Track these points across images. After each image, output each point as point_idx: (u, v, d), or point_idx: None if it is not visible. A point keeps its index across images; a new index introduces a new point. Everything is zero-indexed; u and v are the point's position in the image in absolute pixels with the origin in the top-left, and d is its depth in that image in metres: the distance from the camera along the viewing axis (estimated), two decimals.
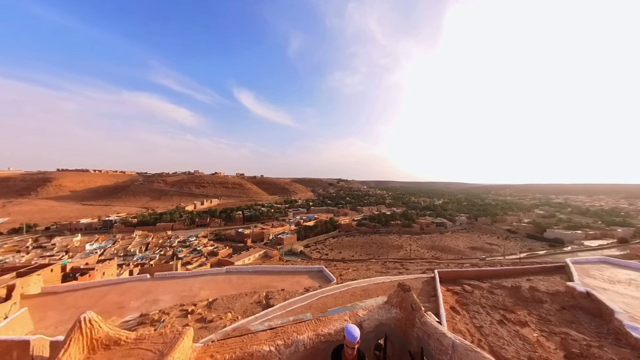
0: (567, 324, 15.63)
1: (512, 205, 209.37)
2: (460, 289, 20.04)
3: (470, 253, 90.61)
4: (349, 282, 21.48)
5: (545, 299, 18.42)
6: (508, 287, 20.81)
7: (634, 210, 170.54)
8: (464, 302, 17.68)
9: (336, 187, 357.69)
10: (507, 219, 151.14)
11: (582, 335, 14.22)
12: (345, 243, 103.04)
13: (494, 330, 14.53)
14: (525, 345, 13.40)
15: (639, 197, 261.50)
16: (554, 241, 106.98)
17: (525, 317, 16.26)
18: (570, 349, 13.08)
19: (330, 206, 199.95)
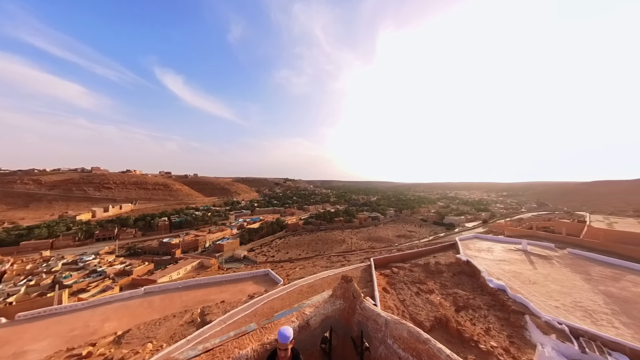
0: (456, 285, 20.91)
1: (424, 199, 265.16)
2: (389, 271, 23.57)
3: (397, 240, 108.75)
4: (296, 281, 21.58)
5: (444, 270, 24.04)
6: (422, 265, 26.05)
7: (491, 200, 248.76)
8: (392, 282, 20.92)
9: (283, 186, 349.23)
10: (421, 211, 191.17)
11: (465, 292, 19.36)
12: (293, 243, 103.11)
13: (412, 301, 17.85)
14: (432, 307, 17.03)
15: (493, 191, 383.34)
16: (449, 225, 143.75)
17: (432, 286, 20.73)
18: (458, 303, 17.58)
19: (277, 206, 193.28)
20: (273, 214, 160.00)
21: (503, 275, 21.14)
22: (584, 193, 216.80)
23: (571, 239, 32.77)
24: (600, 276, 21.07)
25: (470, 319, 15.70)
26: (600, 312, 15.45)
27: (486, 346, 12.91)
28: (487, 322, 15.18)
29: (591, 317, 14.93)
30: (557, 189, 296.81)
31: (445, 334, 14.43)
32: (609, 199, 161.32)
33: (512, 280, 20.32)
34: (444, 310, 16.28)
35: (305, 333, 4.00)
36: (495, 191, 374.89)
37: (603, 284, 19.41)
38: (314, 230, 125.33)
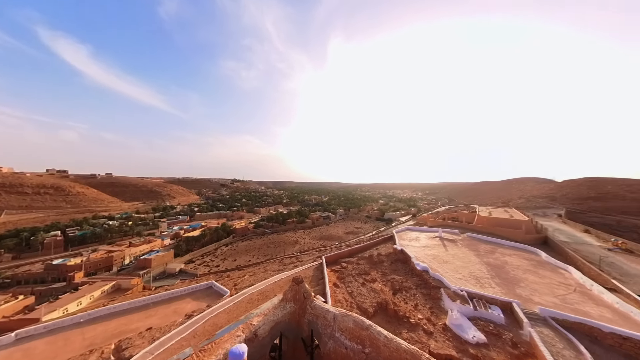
0: (393, 272, 24.05)
1: (368, 198, 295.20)
2: (339, 267, 24.99)
3: (346, 237, 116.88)
4: (245, 290, 20.05)
5: (384, 259, 27.29)
6: (366, 257, 28.80)
7: (418, 198, 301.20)
8: (342, 276, 22.26)
9: (230, 188, 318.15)
10: (366, 209, 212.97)
11: (400, 277, 22.48)
12: (242, 248, 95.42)
13: (359, 291, 19.48)
14: (375, 294, 18.98)
15: (419, 190, 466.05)
16: (388, 220, 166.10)
17: (375, 275, 23.18)
18: (395, 287, 20.25)
19: (223, 210, 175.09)
20: (218, 219, 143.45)
21: (426, 259, 25.74)
22: (475, 190, 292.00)
23: (468, 225, 43.25)
24: (484, 251, 28.51)
25: (404, 299, 18.39)
26: (484, 278, 20.89)
27: (415, 319, 15.40)
28: (416, 299, 18.15)
29: (480, 283, 19.99)
30: (460, 187, 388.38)
31: (385, 315, 16.42)
32: (489, 194, 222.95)
33: (432, 262, 24.97)
34: (384, 295, 18.48)
35: (253, 345, 3.73)
36: (421, 190, 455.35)
37: (485, 257, 26.30)
38: (266, 233, 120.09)
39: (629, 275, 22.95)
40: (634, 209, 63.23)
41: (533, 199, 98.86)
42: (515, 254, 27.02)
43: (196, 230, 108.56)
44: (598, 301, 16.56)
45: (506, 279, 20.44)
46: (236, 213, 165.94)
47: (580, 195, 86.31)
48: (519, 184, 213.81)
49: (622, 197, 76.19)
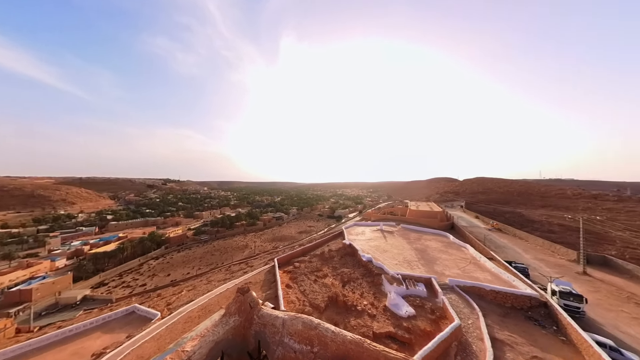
0: (343, 265, 25.63)
1: (321, 197, 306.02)
2: (292, 267, 24.76)
3: (299, 236, 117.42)
4: (183, 308, 17.15)
5: (335, 255, 28.76)
6: (318, 254, 29.68)
7: (363, 195, 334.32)
8: (295, 276, 22.14)
9: (162, 190, 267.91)
10: (318, 207, 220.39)
11: (349, 269, 24.14)
12: (178, 260, 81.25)
13: (312, 289, 19.84)
14: (326, 289, 19.71)
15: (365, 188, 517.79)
16: (339, 217, 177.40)
17: (326, 271, 24.11)
18: (344, 279, 21.62)
19: (151, 216, 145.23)
20: (145, 228, 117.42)
21: (370, 250, 28.64)
22: (407, 188, 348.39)
23: (402, 218, 50.84)
24: (414, 239, 34.06)
25: (352, 289, 19.86)
26: (414, 261, 24.96)
27: (361, 306, 16.88)
28: (362, 288, 19.91)
29: (410, 265, 23.74)
30: (396, 186, 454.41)
31: (336, 307, 17.33)
32: (416, 191, 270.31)
33: (375, 252, 27.98)
34: (335, 288, 19.47)
35: None
36: (366, 188, 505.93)
37: (414, 243, 31.47)
38: (210, 239, 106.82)
39: (500, 247, 32.09)
40: (503, 200, 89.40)
41: (444, 194, 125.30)
42: (433, 239, 33.43)
43: (110, 243, 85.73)
44: (483, 268, 22.40)
45: (428, 260, 25.03)
46: (170, 219, 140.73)
47: (473, 191, 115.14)
48: (436, 182, 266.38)
49: (496, 192, 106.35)
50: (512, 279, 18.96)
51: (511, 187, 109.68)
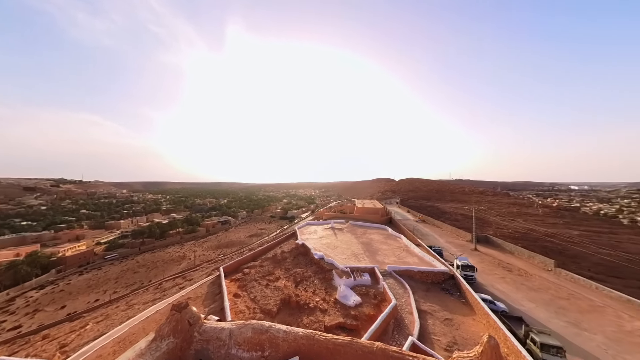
0: (296, 266, 25.61)
1: (273, 198, 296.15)
2: (241, 274, 22.97)
3: (249, 240, 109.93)
4: (87, 348, 13.06)
5: (287, 256, 28.43)
6: (271, 257, 28.64)
7: (316, 195, 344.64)
8: (244, 284, 20.63)
9: (51, 194, 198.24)
10: (270, 209, 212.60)
11: (301, 269, 24.29)
12: (79, 285, 61.07)
13: (263, 294, 18.95)
14: (279, 292, 19.24)
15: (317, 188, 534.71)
16: (292, 218, 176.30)
17: (279, 273, 23.54)
18: (297, 279, 21.65)
19: (31, 230, 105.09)
20: (19, 247, 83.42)
21: (322, 247, 29.75)
22: (355, 187, 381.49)
23: (351, 215, 55.16)
24: (360, 233, 37.47)
25: (304, 288, 20.11)
26: (360, 254, 27.47)
27: (313, 303, 17.31)
28: (314, 286, 20.44)
29: (357, 258, 26.01)
30: (346, 185, 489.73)
31: (289, 309, 17.16)
32: (363, 190, 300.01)
33: (326, 249, 29.24)
34: (287, 290, 19.24)
35: None
36: (318, 188, 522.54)
37: (361, 238, 34.66)
38: (132, 254, 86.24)
39: (424, 235, 39.14)
40: (426, 196, 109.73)
41: (385, 192, 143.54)
42: (376, 232, 37.73)
43: None
44: (413, 254, 26.86)
45: (372, 251, 28.06)
46: (66, 233, 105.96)
47: (406, 189, 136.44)
48: (378, 182, 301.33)
49: (422, 189, 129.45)
50: (432, 260, 23.52)
51: (431, 186, 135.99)
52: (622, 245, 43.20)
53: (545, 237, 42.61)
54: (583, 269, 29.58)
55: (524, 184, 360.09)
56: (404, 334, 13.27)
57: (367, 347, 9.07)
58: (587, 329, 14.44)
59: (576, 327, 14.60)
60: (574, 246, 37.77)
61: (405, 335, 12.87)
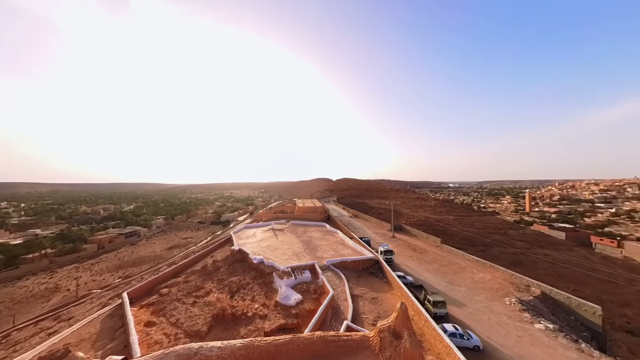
0: (231, 274, 23.27)
1: (202, 201, 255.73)
2: (156, 297, 18.65)
3: (168, 254, 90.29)
4: None
5: (221, 265, 25.42)
6: (199, 270, 24.70)
7: (255, 196, 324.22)
8: (161, 307, 16.85)
9: None
10: (198, 213, 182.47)
11: (238, 277, 22.29)
12: None
13: (189, 314, 16.12)
14: (210, 308, 16.92)
15: (256, 188, 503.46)
16: (226, 222, 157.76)
17: (210, 286, 20.69)
18: (233, 289, 19.74)
19: None
20: None
21: (262, 251, 28.39)
22: (296, 187, 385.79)
23: (292, 215, 55.34)
24: (301, 232, 38.23)
25: (242, 297, 18.57)
26: (301, 252, 28.06)
27: (252, 312, 16.27)
28: (253, 292, 19.24)
29: (298, 257, 26.43)
30: (286, 185, 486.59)
31: (223, 324, 15.37)
32: (303, 190, 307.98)
33: (266, 252, 28.12)
34: (221, 303, 17.21)
35: None
36: (257, 189, 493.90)
37: (301, 237, 35.43)
38: None
39: (356, 228, 44.33)
40: (358, 194, 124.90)
41: (323, 191, 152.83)
42: (315, 230, 39.60)
43: None
44: (347, 246, 29.91)
45: (312, 248, 29.24)
46: None
47: (342, 188, 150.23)
48: (317, 182, 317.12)
49: (355, 188, 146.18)
50: (362, 250, 27.01)
51: (362, 185, 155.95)
52: (474, 224, 64.04)
53: (436, 222, 57.56)
54: (455, 242, 41.88)
55: (424, 182, 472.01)
56: (340, 320, 14.62)
57: (308, 339, 9.43)
58: (457, 284, 20.61)
59: (451, 284, 20.54)
60: (450, 227, 52.86)
61: (341, 321, 14.23)
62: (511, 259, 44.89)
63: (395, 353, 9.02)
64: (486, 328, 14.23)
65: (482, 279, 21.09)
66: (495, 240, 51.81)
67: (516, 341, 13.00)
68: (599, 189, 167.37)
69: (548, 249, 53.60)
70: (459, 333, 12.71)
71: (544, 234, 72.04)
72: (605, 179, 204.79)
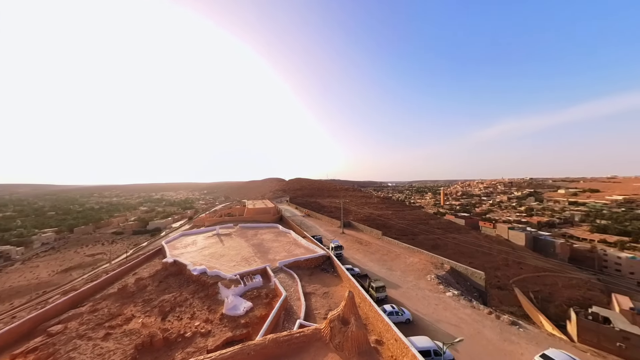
0: (163, 292, 19.66)
1: (119, 206, 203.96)
2: (42, 338, 13.79)
3: (63, 278, 67.47)
4: None
5: (148, 283, 21.10)
6: (115, 292, 19.67)
7: (195, 198, 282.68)
8: (50, 353, 12.54)
9: None
10: (114, 222, 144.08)
11: (173, 293, 19.03)
12: None
13: (97, 353, 12.62)
14: (132, 337, 13.83)
15: (197, 190, 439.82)
16: (155, 230, 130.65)
17: (132, 311, 16.84)
18: (165, 309, 16.72)
19: None
20: None
21: (204, 260, 25.16)
22: (245, 188, 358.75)
23: (241, 218, 51.25)
24: (251, 235, 35.96)
25: (177, 317, 15.92)
26: (252, 257, 26.39)
27: (191, 331, 14.19)
28: (193, 309, 16.81)
29: (248, 262, 24.76)
30: (235, 185, 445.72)
31: (152, 353, 12.75)
32: (254, 190, 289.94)
33: (210, 260, 25.11)
34: (149, 328, 14.29)
35: None
36: (198, 190, 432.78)
37: (252, 240, 33.38)
38: None
39: (309, 227, 45.12)
40: (310, 194, 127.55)
41: (275, 191, 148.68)
42: (267, 232, 38.12)
43: None
44: (300, 245, 30.10)
45: (263, 251, 27.99)
46: None
47: (294, 188, 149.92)
48: (269, 182, 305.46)
49: (307, 188, 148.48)
50: (315, 247, 27.77)
51: (314, 185, 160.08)
52: (406, 217, 75.79)
53: (378, 217, 65.12)
54: (393, 233, 48.57)
55: (369, 182, 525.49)
56: (293, 320, 14.59)
57: (259, 344, 9.01)
58: (394, 269, 24.00)
59: (390, 270, 23.75)
60: (389, 220, 60.90)
61: (294, 320, 14.24)
62: (431, 243, 55.65)
63: (344, 338, 9.76)
64: (414, 302, 17.15)
65: (412, 263, 25.29)
66: (421, 229, 63.11)
67: (434, 309, 16.24)
68: (483, 187, 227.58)
69: (455, 233, 69.17)
70: (395, 311, 14.84)
71: (452, 222, 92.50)
72: (486, 179, 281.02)
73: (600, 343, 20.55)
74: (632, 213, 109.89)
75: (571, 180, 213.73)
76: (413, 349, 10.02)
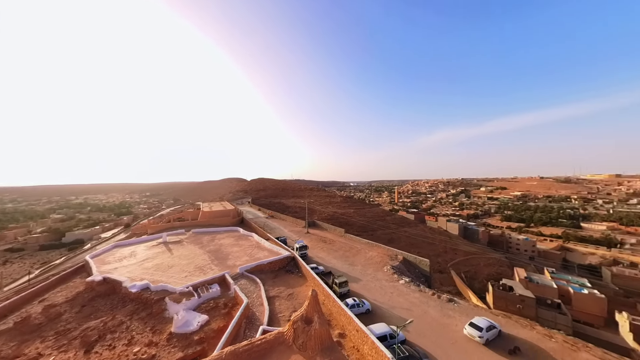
0: (85, 319, 16.00)
1: (18, 214, 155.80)
2: None
3: None
4: None
5: (65, 309, 16.86)
6: (11, 327, 15.01)
7: (134, 202, 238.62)
8: None
9: None
10: (8, 235, 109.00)
11: (100, 319, 15.66)
12: None
13: None
14: None
15: (136, 192, 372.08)
16: (75, 243, 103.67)
17: (37, 349, 13.16)
18: (91, 339, 13.66)
19: None
20: None
21: (146, 273, 21.56)
22: (200, 189, 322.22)
23: (194, 222, 45.87)
24: (207, 241, 32.65)
25: (109, 345, 13.18)
26: (207, 265, 23.94)
27: (128, 359, 12.00)
28: (130, 333, 14.19)
29: (203, 271, 22.38)
30: (186, 187, 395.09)
31: None
32: (211, 191, 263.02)
33: (154, 273, 21.68)
34: None
35: None
36: (138, 192, 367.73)
37: (207, 246, 30.32)
38: None
39: (273, 228, 43.69)
40: (274, 194, 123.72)
41: (236, 192, 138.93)
42: (227, 236, 35.28)
43: None
44: (263, 248, 28.82)
45: (222, 258, 25.76)
46: None
47: (257, 188, 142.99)
48: (229, 182, 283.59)
49: (271, 188, 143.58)
50: (279, 249, 27.05)
51: (278, 185, 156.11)
52: (366, 214, 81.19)
53: (341, 215, 67.87)
54: (354, 230, 51.36)
55: (332, 182, 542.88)
56: (255, 327, 13.87)
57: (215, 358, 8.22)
58: (355, 264, 25.43)
59: (351, 265, 25.06)
60: (351, 218, 64.20)
61: (257, 327, 13.56)
62: (388, 237, 61.18)
63: (307, 337, 9.81)
64: (373, 293, 18.54)
65: (371, 257, 27.28)
66: (379, 225, 68.64)
67: (390, 297, 17.90)
68: (428, 186, 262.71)
69: (406, 227, 77.70)
70: (356, 303, 15.73)
71: (404, 217, 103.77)
72: (430, 179, 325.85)
73: (508, 307, 26.29)
74: (526, 205, 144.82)
75: (489, 180, 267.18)
76: (372, 336, 10.81)
